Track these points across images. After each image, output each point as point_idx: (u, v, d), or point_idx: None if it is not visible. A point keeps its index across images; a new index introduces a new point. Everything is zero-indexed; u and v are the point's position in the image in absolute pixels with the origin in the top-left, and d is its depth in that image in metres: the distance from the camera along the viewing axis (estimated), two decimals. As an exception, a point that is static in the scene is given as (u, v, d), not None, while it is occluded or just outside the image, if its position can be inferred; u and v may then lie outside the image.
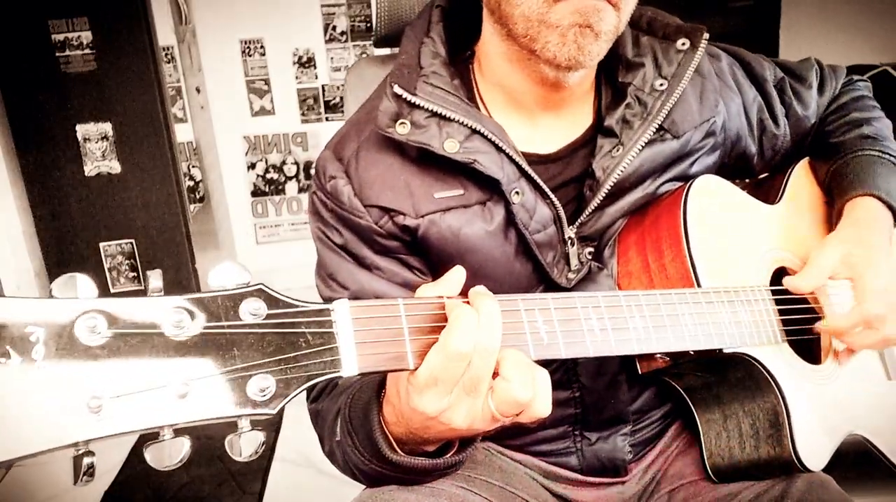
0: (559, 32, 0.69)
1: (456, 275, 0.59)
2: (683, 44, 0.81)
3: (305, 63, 3.16)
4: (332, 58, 3.17)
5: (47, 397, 0.40)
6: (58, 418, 0.40)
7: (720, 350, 0.72)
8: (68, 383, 0.41)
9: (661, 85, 0.80)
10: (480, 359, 0.54)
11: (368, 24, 3.14)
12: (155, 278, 0.46)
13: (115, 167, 2.59)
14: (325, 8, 3.10)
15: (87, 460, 0.42)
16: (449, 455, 0.66)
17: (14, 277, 2.51)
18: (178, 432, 0.45)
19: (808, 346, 0.85)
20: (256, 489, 2.03)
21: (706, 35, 0.81)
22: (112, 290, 2.65)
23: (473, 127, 0.74)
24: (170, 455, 0.45)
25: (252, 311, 0.47)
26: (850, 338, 0.80)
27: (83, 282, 0.43)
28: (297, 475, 2.10)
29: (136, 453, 2.24)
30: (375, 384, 0.66)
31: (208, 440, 2.28)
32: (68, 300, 0.42)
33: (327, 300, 0.82)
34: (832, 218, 0.90)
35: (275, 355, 0.47)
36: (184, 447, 0.45)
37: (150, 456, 0.44)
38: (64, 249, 2.63)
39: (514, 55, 0.76)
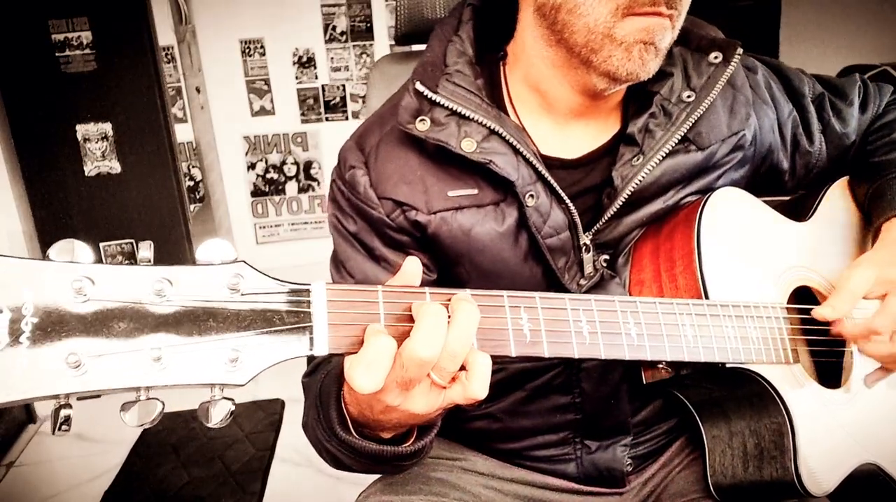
0: (624, 48, 0.69)
1: (411, 267, 0.58)
2: (716, 57, 0.79)
3: (305, 63, 3.15)
4: (332, 58, 3.16)
5: (32, 352, 0.43)
6: (41, 371, 0.43)
7: (723, 364, 0.71)
8: (54, 341, 0.43)
9: (689, 97, 0.78)
10: (450, 362, 0.53)
11: (368, 24, 3.14)
12: (144, 249, 0.49)
13: (115, 167, 2.58)
14: (325, 8, 3.10)
15: (63, 412, 0.44)
16: (407, 444, 0.65)
17: (14, 277, 2.50)
18: (153, 395, 0.47)
19: (828, 368, 0.83)
20: (256, 489, 2.03)
21: (740, 50, 0.79)
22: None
23: (492, 127, 0.74)
24: (142, 415, 0.47)
25: (231, 286, 0.48)
26: (865, 345, 0.77)
27: (80, 248, 0.46)
28: (297, 475, 2.10)
29: (136, 453, 2.24)
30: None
31: (209, 440, 2.30)
32: (61, 263, 0.45)
33: None
34: (866, 239, 0.87)
35: (248, 329, 0.48)
36: (156, 408, 0.47)
37: (128, 416, 0.46)
38: (64, 249, 2.62)
39: (560, 61, 0.75)
